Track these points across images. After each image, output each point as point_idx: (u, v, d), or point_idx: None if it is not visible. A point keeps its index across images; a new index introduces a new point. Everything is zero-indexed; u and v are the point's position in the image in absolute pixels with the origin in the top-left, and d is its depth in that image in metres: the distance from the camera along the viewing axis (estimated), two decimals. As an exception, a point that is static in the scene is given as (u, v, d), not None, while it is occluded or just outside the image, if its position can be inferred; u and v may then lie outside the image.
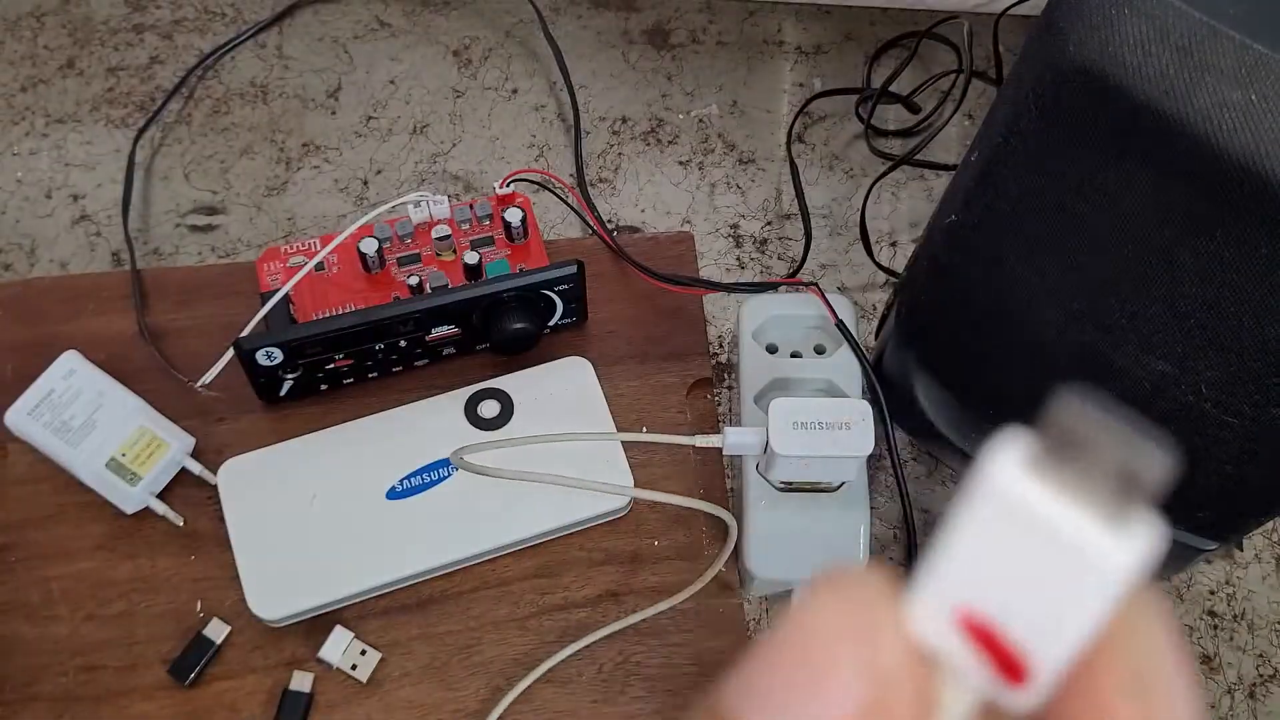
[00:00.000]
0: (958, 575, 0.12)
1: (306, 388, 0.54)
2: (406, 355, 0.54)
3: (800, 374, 0.54)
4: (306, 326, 0.51)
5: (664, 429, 0.56)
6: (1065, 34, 0.35)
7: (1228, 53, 0.32)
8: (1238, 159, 0.33)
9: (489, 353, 0.56)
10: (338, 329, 0.50)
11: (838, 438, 0.47)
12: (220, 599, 0.52)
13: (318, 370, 0.53)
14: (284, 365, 0.51)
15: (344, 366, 0.53)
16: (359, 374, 0.54)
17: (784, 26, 0.72)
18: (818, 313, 0.55)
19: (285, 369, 0.51)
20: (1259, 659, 0.53)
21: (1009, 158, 0.39)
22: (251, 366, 0.51)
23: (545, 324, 0.55)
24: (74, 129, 0.66)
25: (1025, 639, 0.12)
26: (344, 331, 0.50)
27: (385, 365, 0.55)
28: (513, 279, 0.52)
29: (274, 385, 0.53)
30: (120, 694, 0.50)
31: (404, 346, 0.53)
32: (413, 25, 0.71)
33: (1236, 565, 0.55)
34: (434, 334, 0.53)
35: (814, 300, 0.54)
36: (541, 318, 0.54)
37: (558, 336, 0.58)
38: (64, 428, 0.52)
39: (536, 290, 0.53)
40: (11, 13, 0.71)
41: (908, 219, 0.65)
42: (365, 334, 0.51)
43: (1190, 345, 0.39)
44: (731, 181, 0.66)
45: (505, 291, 0.52)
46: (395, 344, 0.53)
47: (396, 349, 0.53)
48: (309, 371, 0.53)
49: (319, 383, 0.54)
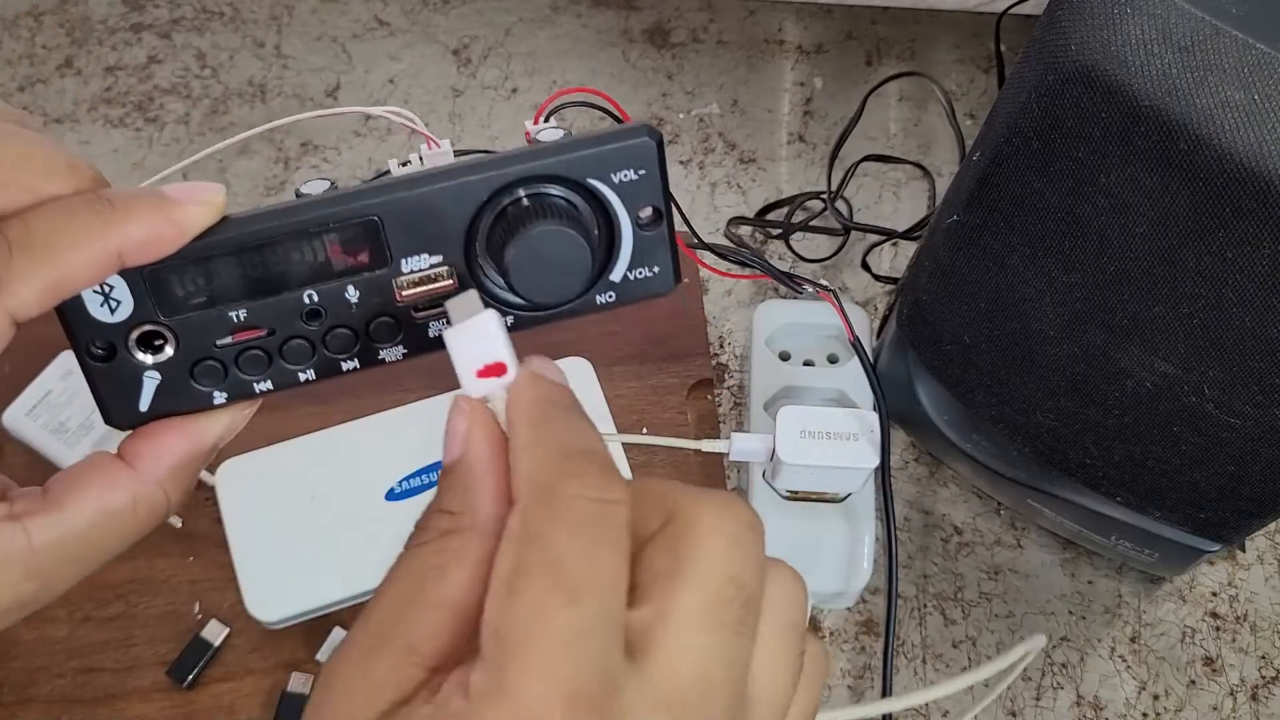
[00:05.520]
0: (465, 365, 0.26)
1: (186, 389, 0.28)
2: (361, 320, 0.29)
3: (811, 383, 0.54)
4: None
5: (664, 430, 0.56)
6: (1067, 34, 0.35)
7: (1230, 52, 0.32)
8: (1240, 159, 0.32)
9: (513, 313, 0.30)
10: (227, 237, 0.27)
11: (845, 448, 0.46)
12: (219, 600, 0.51)
13: (206, 349, 0.28)
14: (136, 326, 0.27)
15: (254, 343, 0.28)
16: (282, 364, 0.29)
17: (785, 25, 0.72)
18: (832, 321, 0.55)
19: (144, 344, 0.28)
20: (1261, 660, 0.53)
21: (1011, 158, 0.39)
22: (74, 324, 0.27)
23: (607, 258, 0.30)
24: (72, 128, 0.66)
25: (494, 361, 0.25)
26: (236, 244, 0.27)
27: (329, 345, 0.29)
28: (534, 153, 0.28)
29: (126, 378, 0.28)
30: (118, 696, 0.50)
31: (357, 303, 0.28)
32: (412, 24, 0.71)
33: (1239, 567, 0.55)
34: (409, 270, 0.28)
35: (828, 308, 0.54)
36: (592, 241, 0.28)
37: (560, 335, 0.57)
38: (61, 428, 0.52)
39: (578, 180, 0.28)
40: (9, 12, 0.70)
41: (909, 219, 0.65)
42: (279, 256, 0.27)
43: (1193, 346, 0.38)
44: (732, 181, 0.66)
45: (523, 172, 0.28)
46: (341, 294, 0.28)
47: (343, 306, 0.28)
48: (189, 347, 0.28)
49: (214, 380, 0.29)
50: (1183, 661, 0.53)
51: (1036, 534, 0.56)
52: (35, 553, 0.25)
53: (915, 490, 0.57)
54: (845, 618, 0.54)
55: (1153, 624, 0.54)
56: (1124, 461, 0.45)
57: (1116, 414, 0.43)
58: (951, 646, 0.53)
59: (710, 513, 0.23)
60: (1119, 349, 0.41)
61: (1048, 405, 0.45)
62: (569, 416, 0.24)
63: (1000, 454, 0.51)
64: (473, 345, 0.26)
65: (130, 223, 0.24)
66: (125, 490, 0.26)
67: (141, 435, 0.28)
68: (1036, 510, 0.53)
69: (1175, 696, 0.52)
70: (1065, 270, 0.40)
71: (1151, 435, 0.43)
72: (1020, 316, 0.43)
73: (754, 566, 0.23)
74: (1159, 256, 0.37)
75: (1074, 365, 0.43)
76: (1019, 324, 0.43)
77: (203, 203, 0.25)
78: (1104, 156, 0.36)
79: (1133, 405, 0.42)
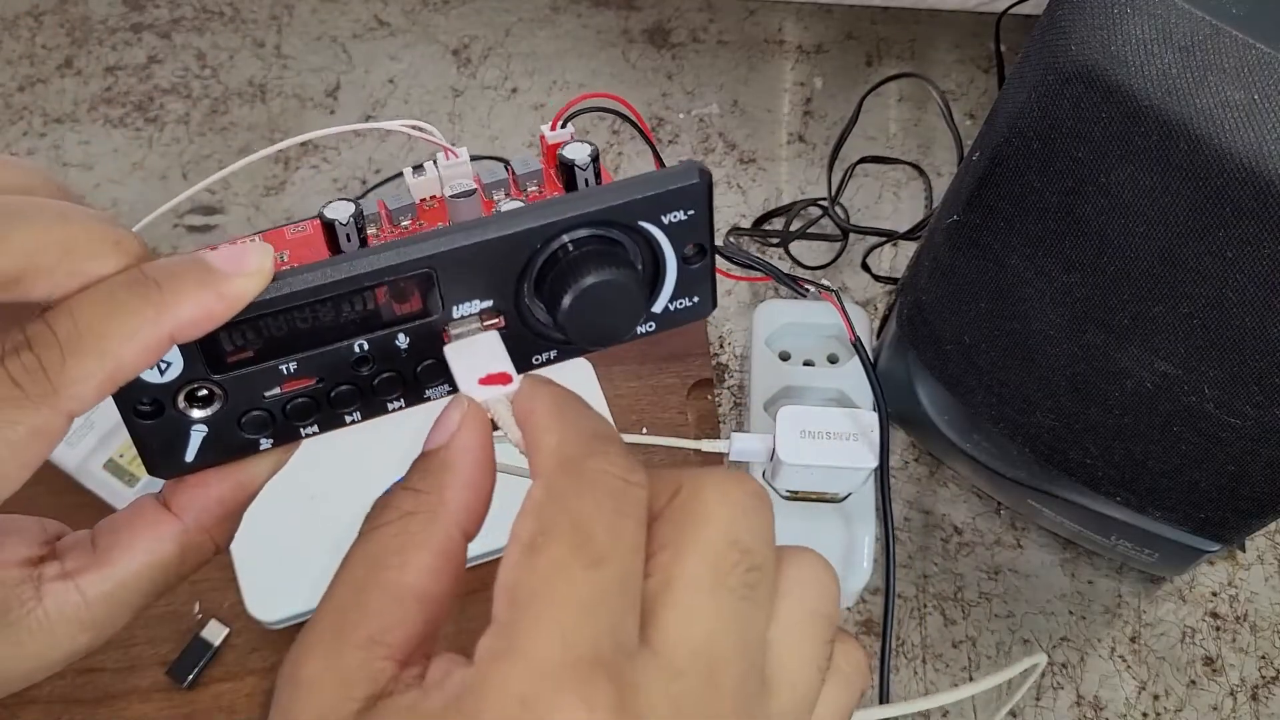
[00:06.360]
0: (466, 373, 0.27)
1: (233, 439, 0.28)
2: (410, 364, 0.29)
3: (811, 382, 0.54)
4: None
5: (664, 430, 0.56)
6: (1067, 33, 0.35)
7: (1230, 52, 0.32)
8: (1240, 159, 0.32)
9: (556, 347, 0.31)
10: (281, 297, 0.26)
11: (845, 449, 0.46)
12: (218, 600, 0.51)
13: (254, 401, 0.28)
14: (185, 385, 0.27)
15: (304, 391, 0.29)
16: (330, 410, 0.29)
17: (785, 25, 0.72)
18: (832, 321, 0.55)
19: (192, 399, 0.27)
20: (1262, 660, 0.53)
21: (1011, 158, 0.39)
22: (126, 389, 0.25)
23: (651, 293, 0.30)
24: (72, 128, 0.66)
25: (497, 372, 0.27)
26: (291, 305, 0.26)
27: (377, 389, 0.30)
28: (586, 198, 0.28)
29: (172, 433, 0.27)
30: (118, 696, 0.50)
31: (406, 349, 0.29)
32: (412, 24, 0.71)
33: (1239, 567, 0.55)
34: (459, 316, 0.28)
35: (829, 308, 0.54)
36: (641, 282, 0.29)
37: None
38: (62, 428, 0.52)
39: (629, 224, 0.28)
40: (9, 12, 0.70)
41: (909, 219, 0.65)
42: (331, 310, 0.27)
43: (1193, 346, 0.38)
44: (732, 181, 0.66)
45: (578, 220, 0.27)
46: (391, 342, 0.28)
47: (393, 353, 0.29)
48: (237, 400, 0.28)
49: (261, 429, 0.29)
50: (1183, 661, 0.53)
51: (1036, 534, 0.56)
52: (89, 607, 0.25)
53: (915, 490, 0.57)
54: (845, 618, 0.54)
55: (1153, 624, 0.54)
56: (1124, 461, 0.45)
57: (1116, 414, 0.43)
58: (951, 646, 0.53)
59: (714, 484, 0.23)
60: (1119, 349, 0.41)
61: (1048, 405, 0.45)
62: (587, 408, 0.25)
63: (1000, 454, 0.51)
64: (475, 358, 0.26)
65: (180, 304, 0.23)
66: (172, 541, 0.26)
67: (187, 483, 0.27)
68: (1036, 510, 0.53)
69: (1175, 696, 0.52)
70: (1065, 270, 0.40)
71: (1151, 435, 0.43)
72: (1020, 316, 0.43)
73: (760, 534, 0.23)
74: (1159, 256, 0.37)
75: (1074, 365, 0.43)
76: (1019, 324, 0.43)
77: (251, 273, 0.25)
78: (1104, 156, 0.36)
79: (1133, 405, 0.42)
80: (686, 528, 0.22)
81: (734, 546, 0.22)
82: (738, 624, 0.22)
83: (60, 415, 0.23)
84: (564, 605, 0.20)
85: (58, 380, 0.23)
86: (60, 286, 0.23)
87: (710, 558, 0.22)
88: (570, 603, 0.20)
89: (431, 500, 0.24)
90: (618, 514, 0.21)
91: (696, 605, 0.21)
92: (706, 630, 0.21)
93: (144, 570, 0.26)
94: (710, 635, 0.21)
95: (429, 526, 0.23)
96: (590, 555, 0.20)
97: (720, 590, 0.21)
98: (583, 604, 0.20)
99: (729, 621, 0.21)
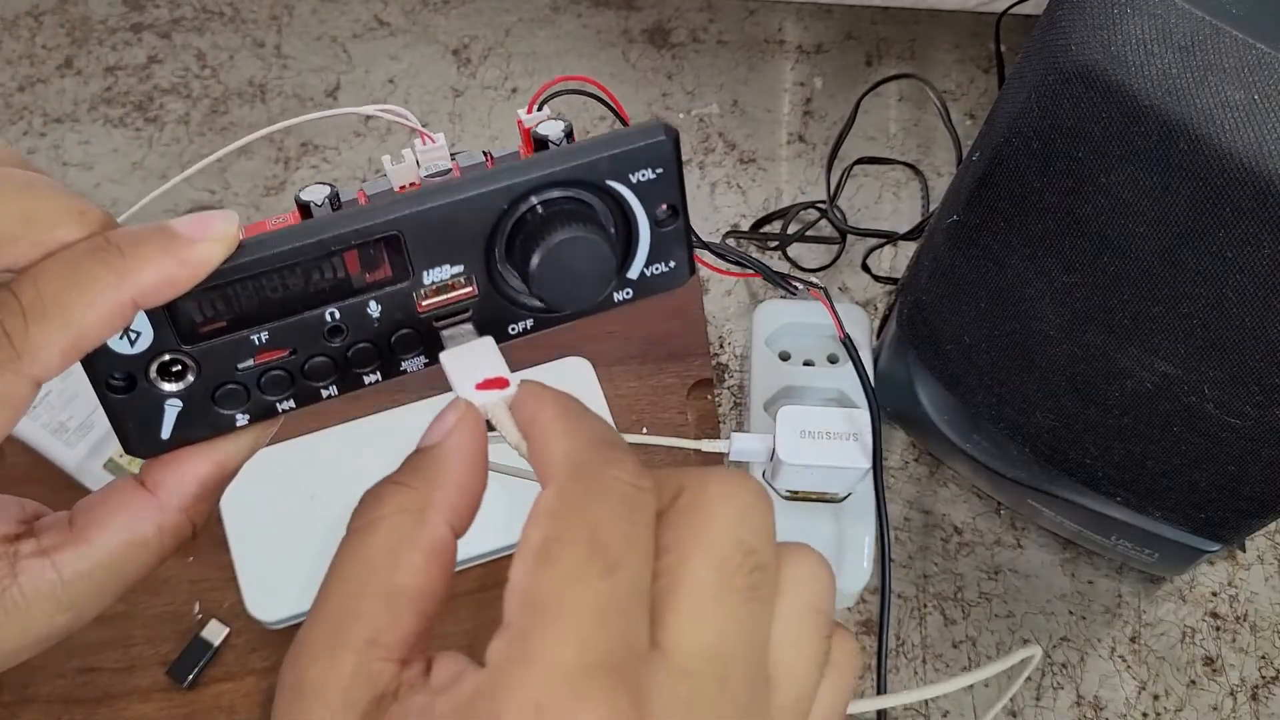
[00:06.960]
0: (462, 379, 0.26)
1: (208, 414, 0.28)
2: (384, 335, 0.29)
3: (811, 383, 0.54)
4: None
5: (664, 430, 0.56)
6: (1067, 33, 0.35)
7: (1230, 52, 0.32)
8: (1240, 159, 0.32)
9: (532, 315, 0.30)
10: (248, 263, 0.26)
11: (845, 449, 0.47)
12: (218, 600, 0.51)
13: (228, 373, 0.28)
14: (156, 356, 0.27)
15: (277, 363, 0.28)
16: (305, 383, 0.29)
17: (785, 25, 0.72)
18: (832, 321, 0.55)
19: (164, 372, 0.27)
20: (1261, 660, 0.53)
21: (1011, 158, 0.39)
22: (92, 357, 0.26)
23: (624, 257, 0.30)
24: (72, 128, 0.66)
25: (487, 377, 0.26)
26: (256, 270, 0.26)
27: (352, 360, 0.29)
28: (551, 158, 0.28)
29: (147, 407, 0.27)
30: (118, 696, 0.50)
31: (379, 318, 0.28)
32: (412, 24, 0.71)
33: (1239, 567, 0.55)
34: (430, 282, 0.28)
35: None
36: (612, 243, 0.28)
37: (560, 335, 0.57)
38: (61, 428, 0.52)
39: (596, 182, 0.28)
40: (9, 12, 0.70)
41: (909, 219, 0.65)
42: (300, 277, 0.27)
43: (1193, 346, 0.38)
44: (732, 181, 0.66)
45: (543, 179, 0.27)
46: (363, 310, 0.28)
47: (366, 322, 0.28)
48: (210, 373, 0.27)
49: (236, 403, 0.28)
50: (1183, 661, 0.53)
51: (1036, 534, 0.56)
52: (66, 586, 0.25)
53: (915, 490, 0.57)
54: (845, 618, 0.54)
55: (1153, 624, 0.54)
56: (1124, 461, 0.45)
57: (1116, 414, 0.43)
58: (951, 646, 0.53)
59: (716, 485, 0.23)
60: (1119, 349, 0.41)
61: (1048, 405, 0.45)
62: (590, 412, 0.25)
63: (1000, 454, 0.51)
64: (471, 363, 0.26)
65: (142, 270, 0.24)
66: (150, 520, 0.26)
67: (164, 462, 0.27)
68: (1036, 510, 0.53)
69: (1175, 696, 0.52)
70: (1065, 270, 0.40)
71: (1151, 435, 0.43)
72: (1020, 316, 0.43)
73: (763, 533, 0.23)
74: (1159, 256, 0.37)
75: (1074, 365, 0.43)
76: (1019, 324, 0.43)
77: (215, 239, 0.25)
78: (1104, 156, 0.36)
79: (1133, 405, 0.42)
80: (691, 529, 0.22)
81: (739, 547, 0.22)
82: (744, 624, 0.22)
83: (25, 381, 0.23)
84: (580, 612, 0.20)
85: (21, 346, 0.23)
86: (24, 255, 0.23)
87: (716, 559, 0.22)
88: (586, 609, 0.20)
89: (421, 497, 0.23)
90: (630, 521, 0.22)
91: (704, 607, 0.21)
92: (715, 632, 0.21)
93: (121, 549, 0.26)
94: (719, 636, 0.21)
95: (419, 525, 0.23)
96: (605, 562, 0.21)
97: (727, 591, 0.22)
98: (598, 610, 0.20)
99: (736, 622, 0.22)
